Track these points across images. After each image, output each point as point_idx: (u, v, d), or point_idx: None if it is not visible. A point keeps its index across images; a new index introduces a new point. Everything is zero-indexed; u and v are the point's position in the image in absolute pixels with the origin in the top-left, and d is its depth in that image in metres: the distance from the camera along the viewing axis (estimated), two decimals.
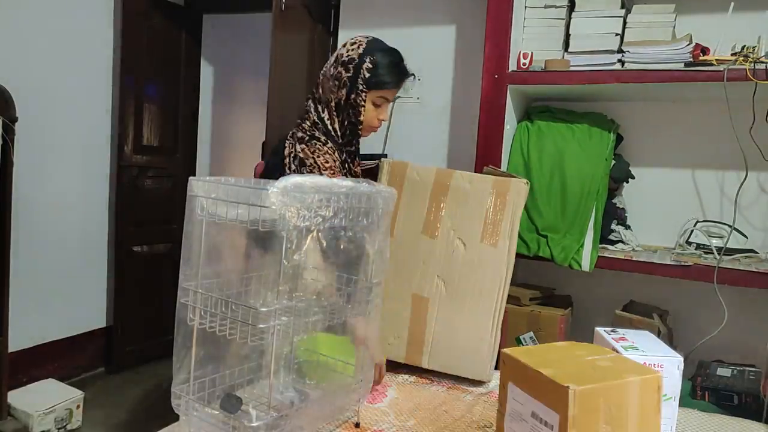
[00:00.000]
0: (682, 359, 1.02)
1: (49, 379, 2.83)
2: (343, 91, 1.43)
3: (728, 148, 2.07)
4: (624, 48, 2.07)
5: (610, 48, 2.09)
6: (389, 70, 1.43)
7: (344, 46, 1.46)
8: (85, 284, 3.23)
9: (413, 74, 1.52)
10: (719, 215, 2.20)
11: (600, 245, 2.12)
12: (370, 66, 1.41)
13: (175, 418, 1.18)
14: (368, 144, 2.94)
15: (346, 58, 1.43)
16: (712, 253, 1.99)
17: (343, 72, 1.42)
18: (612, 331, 1.18)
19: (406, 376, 1.47)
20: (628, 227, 2.24)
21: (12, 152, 2.35)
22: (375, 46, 1.45)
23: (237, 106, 4.31)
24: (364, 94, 1.42)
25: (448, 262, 1.44)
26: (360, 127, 1.46)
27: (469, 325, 1.43)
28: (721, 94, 1.86)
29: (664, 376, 0.95)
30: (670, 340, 2.02)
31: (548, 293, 2.29)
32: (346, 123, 1.46)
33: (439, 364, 1.44)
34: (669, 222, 2.26)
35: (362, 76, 1.41)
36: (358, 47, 1.43)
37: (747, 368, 1.94)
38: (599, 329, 1.19)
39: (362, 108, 1.43)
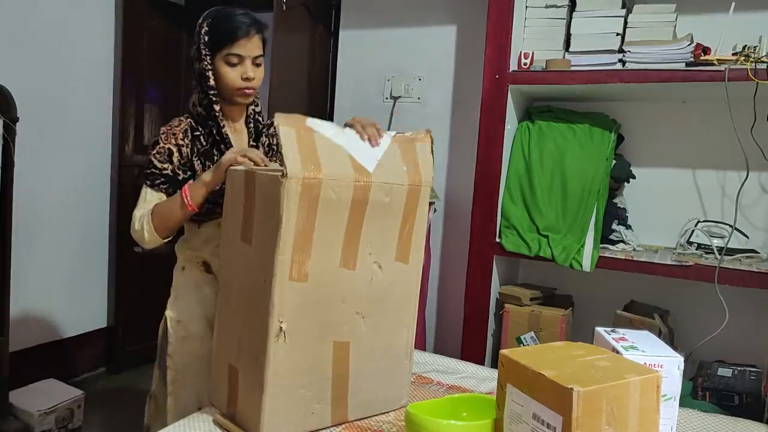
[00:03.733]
0: (682, 359, 1.02)
1: (50, 379, 2.83)
2: (196, 65, 1.42)
3: (729, 148, 2.07)
4: (625, 48, 2.07)
5: (611, 48, 2.09)
6: (225, 22, 1.38)
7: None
8: (86, 284, 3.23)
9: (261, 23, 1.42)
10: (720, 215, 2.20)
11: (601, 245, 2.12)
12: (207, 29, 1.39)
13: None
14: None
15: (194, 36, 1.41)
16: (713, 253, 1.99)
17: (193, 47, 1.42)
18: (612, 331, 1.18)
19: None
20: (629, 227, 2.24)
21: (13, 152, 2.35)
22: (215, 9, 1.42)
23: None
24: (208, 57, 1.39)
25: (366, 292, 1.18)
26: (213, 92, 1.40)
27: (389, 354, 1.24)
28: (722, 94, 1.86)
29: (663, 376, 0.95)
30: (671, 341, 2.02)
31: (549, 293, 2.29)
32: (202, 95, 1.42)
33: (362, 411, 1.21)
34: (670, 222, 2.26)
35: (203, 41, 1.39)
36: (200, 20, 1.42)
37: (748, 368, 1.94)
38: (599, 329, 1.19)
39: (209, 72, 1.39)
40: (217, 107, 1.42)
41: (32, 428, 2.48)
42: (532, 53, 2.17)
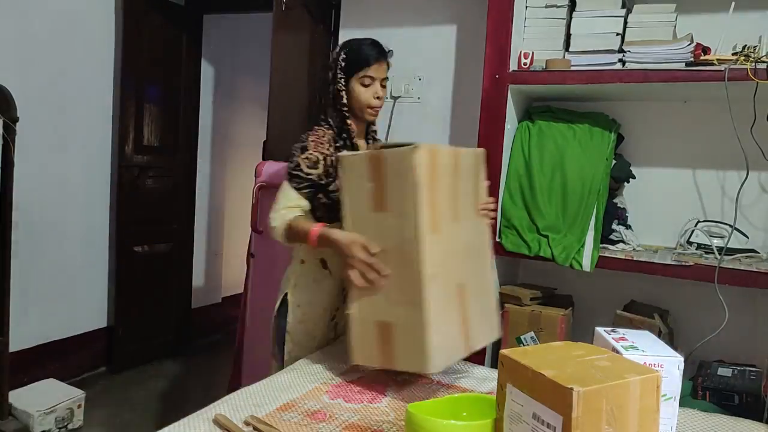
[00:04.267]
0: (682, 359, 1.02)
1: (50, 378, 2.83)
2: (331, 87, 1.67)
3: (729, 148, 2.06)
4: (625, 48, 2.07)
5: (611, 48, 2.09)
6: (360, 51, 1.64)
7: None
8: (86, 284, 3.23)
9: (390, 49, 1.68)
10: (720, 215, 2.20)
11: (601, 245, 2.12)
12: (344, 55, 1.65)
13: (176, 418, 1.18)
14: None
15: (330, 61, 1.69)
16: (713, 253, 1.99)
17: (329, 73, 1.68)
18: (612, 330, 1.18)
19: (405, 376, 1.47)
20: (628, 227, 2.24)
21: (13, 152, 2.36)
22: (348, 42, 1.69)
23: (237, 106, 4.30)
24: (342, 80, 1.64)
25: (468, 241, 1.48)
26: (345, 109, 1.65)
27: (487, 292, 1.54)
28: (722, 93, 1.86)
29: (664, 376, 0.96)
30: (671, 340, 2.02)
31: (549, 293, 2.29)
32: (335, 113, 1.68)
33: (476, 342, 1.44)
34: (670, 222, 2.26)
35: (339, 66, 1.65)
36: (336, 48, 1.70)
37: (748, 368, 1.94)
38: (599, 329, 1.19)
39: (342, 92, 1.64)
40: (349, 121, 1.67)
41: (32, 428, 2.48)
42: (532, 53, 2.17)
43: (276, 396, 1.29)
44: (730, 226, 2.04)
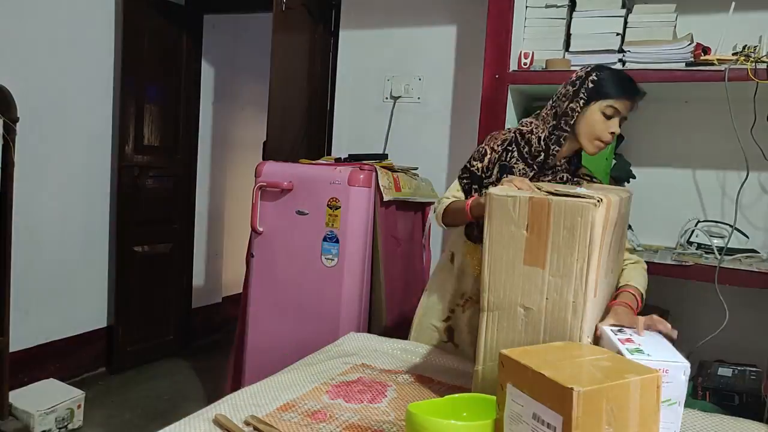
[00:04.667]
0: (688, 366, 1.01)
1: (50, 379, 2.83)
2: (566, 103, 1.51)
3: (729, 148, 2.06)
4: (625, 48, 2.07)
5: (611, 48, 2.09)
6: (615, 81, 1.48)
7: (575, 71, 1.56)
8: (86, 284, 3.23)
9: (644, 92, 1.53)
10: (720, 215, 2.21)
11: None
12: (595, 78, 1.49)
13: (176, 418, 1.18)
14: (368, 144, 2.95)
15: (575, 77, 1.53)
16: (713, 253, 1.99)
17: (570, 88, 1.52)
18: (619, 330, 1.17)
19: (406, 376, 1.47)
20: (629, 227, 2.24)
21: (13, 152, 2.35)
22: (604, 67, 1.55)
23: (238, 106, 4.30)
24: (582, 101, 1.48)
25: (608, 294, 1.40)
26: (567, 133, 1.51)
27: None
28: (722, 93, 1.86)
29: (668, 382, 0.95)
30: (672, 340, 2.02)
31: None
32: (554, 130, 1.53)
33: None
34: (670, 222, 2.26)
35: (585, 86, 1.49)
36: (587, 68, 1.53)
37: (748, 368, 1.94)
38: (605, 328, 1.18)
39: (576, 114, 1.49)
40: (559, 147, 1.53)
41: (32, 428, 2.48)
42: (532, 53, 2.17)
43: (276, 396, 1.29)
44: (730, 226, 2.04)
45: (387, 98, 2.93)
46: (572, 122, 1.50)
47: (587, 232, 1.10)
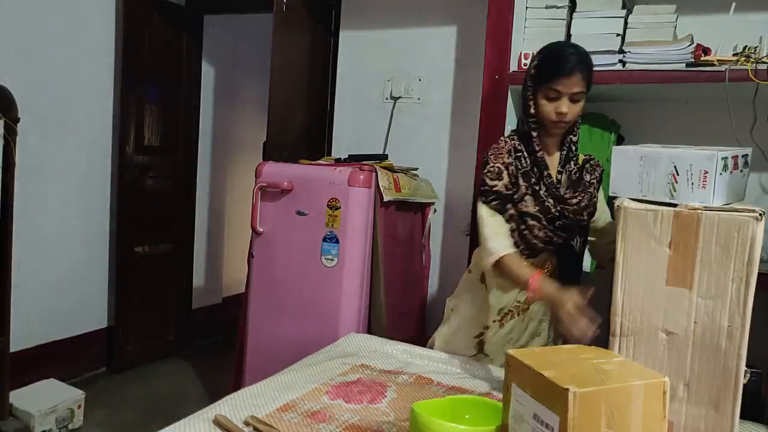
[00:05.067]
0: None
1: (51, 379, 2.83)
2: (523, 93, 1.58)
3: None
4: (625, 48, 2.07)
5: (611, 48, 2.09)
6: (547, 62, 1.51)
7: None
8: (86, 284, 3.23)
9: (589, 64, 1.51)
10: None
11: None
12: (536, 63, 1.54)
13: (176, 418, 1.19)
14: (368, 144, 2.95)
15: (528, 63, 1.59)
16: None
17: (525, 78, 1.57)
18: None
19: (405, 377, 1.47)
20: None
21: (14, 152, 2.36)
22: (549, 45, 1.58)
23: (238, 106, 4.30)
24: (531, 88, 1.54)
25: None
26: (532, 120, 1.54)
27: None
28: (723, 94, 1.86)
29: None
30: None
31: None
32: (526, 119, 1.57)
33: None
34: None
35: (529, 73, 1.55)
36: (535, 54, 1.58)
37: (748, 369, 1.94)
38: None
39: (530, 102, 1.54)
40: (534, 134, 1.56)
41: (33, 428, 2.48)
42: (533, 53, 2.17)
43: (276, 396, 1.29)
44: None
45: (387, 98, 2.93)
46: (531, 112, 1.54)
47: (746, 249, 1.01)
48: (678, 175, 1.14)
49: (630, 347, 1.14)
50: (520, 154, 1.58)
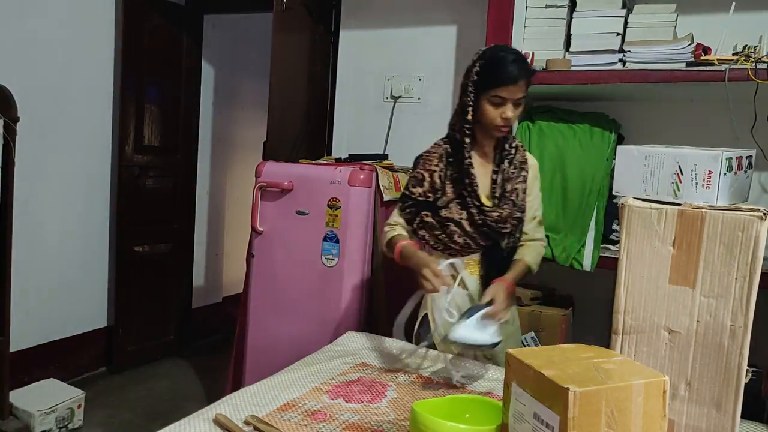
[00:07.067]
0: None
1: (51, 378, 2.83)
2: (462, 97, 1.57)
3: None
4: (625, 48, 2.07)
5: (611, 48, 2.09)
6: (494, 68, 1.50)
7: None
8: (86, 284, 3.23)
9: (532, 70, 1.54)
10: None
11: (601, 245, 2.12)
12: (478, 69, 1.52)
13: (176, 418, 1.19)
14: (368, 144, 2.94)
15: (468, 68, 1.56)
16: None
17: (464, 80, 1.56)
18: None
19: (405, 376, 1.47)
20: None
21: (13, 152, 2.36)
22: (490, 50, 1.56)
23: (238, 105, 4.30)
24: (471, 95, 1.53)
25: None
26: (467, 126, 1.55)
27: None
28: (723, 94, 1.86)
29: None
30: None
31: (549, 293, 2.29)
32: (461, 125, 1.57)
33: None
34: None
35: (471, 79, 1.53)
36: (476, 56, 1.55)
37: (748, 368, 1.94)
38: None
39: (469, 108, 1.53)
40: (467, 140, 1.56)
41: (33, 428, 2.48)
42: (533, 53, 2.17)
43: (276, 396, 1.29)
44: None
45: (387, 98, 2.93)
46: (468, 117, 1.54)
47: (749, 248, 1.01)
48: (682, 174, 1.13)
49: (632, 345, 1.14)
50: (452, 159, 1.59)
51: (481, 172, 1.61)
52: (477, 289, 1.61)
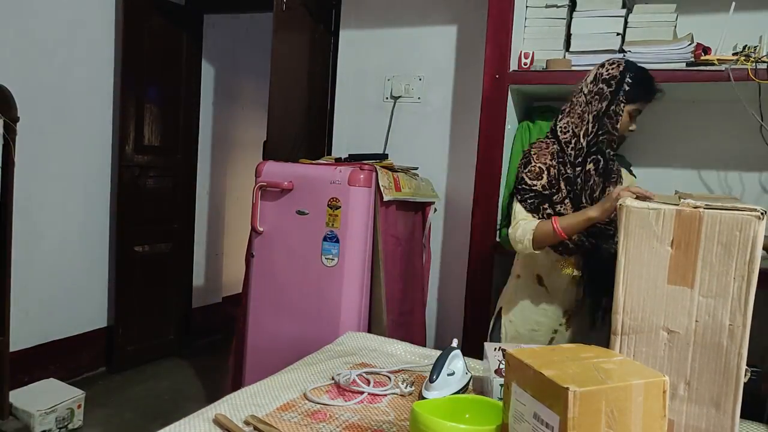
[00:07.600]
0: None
1: (51, 378, 2.83)
2: (604, 104, 1.59)
3: (729, 148, 2.06)
4: (625, 48, 2.07)
5: (611, 48, 2.09)
6: (645, 85, 1.59)
7: (602, 66, 1.63)
8: (86, 284, 3.23)
9: (662, 90, 1.63)
10: None
11: None
12: (630, 81, 1.57)
13: (176, 418, 1.18)
14: (368, 144, 2.95)
15: (607, 76, 1.60)
16: None
17: (604, 87, 1.59)
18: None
19: (405, 376, 1.47)
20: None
21: (13, 152, 2.36)
22: (631, 63, 1.62)
23: (238, 105, 4.30)
24: (622, 104, 1.58)
25: None
26: (615, 135, 1.60)
27: None
28: (722, 94, 1.86)
29: None
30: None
31: None
32: (600, 132, 1.61)
33: None
34: None
35: (623, 89, 1.57)
36: (618, 66, 1.60)
37: (748, 368, 1.94)
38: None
39: (620, 118, 1.58)
40: (612, 150, 1.63)
41: (33, 428, 2.48)
42: (533, 53, 2.17)
43: (276, 396, 1.29)
44: None
45: (387, 98, 2.93)
46: (618, 126, 1.59)
47: (747, 248, 1.01)
48: None
49: (631, 345, 1.14)
50: (563, 159, 1.62)
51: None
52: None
